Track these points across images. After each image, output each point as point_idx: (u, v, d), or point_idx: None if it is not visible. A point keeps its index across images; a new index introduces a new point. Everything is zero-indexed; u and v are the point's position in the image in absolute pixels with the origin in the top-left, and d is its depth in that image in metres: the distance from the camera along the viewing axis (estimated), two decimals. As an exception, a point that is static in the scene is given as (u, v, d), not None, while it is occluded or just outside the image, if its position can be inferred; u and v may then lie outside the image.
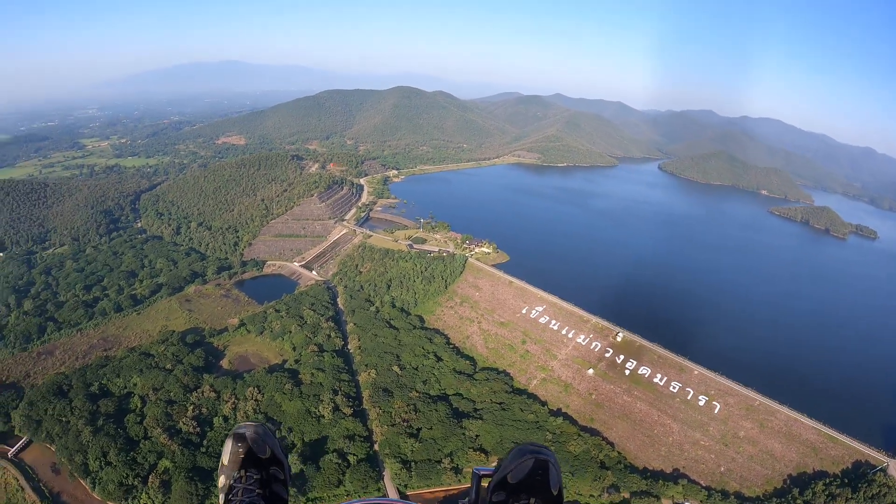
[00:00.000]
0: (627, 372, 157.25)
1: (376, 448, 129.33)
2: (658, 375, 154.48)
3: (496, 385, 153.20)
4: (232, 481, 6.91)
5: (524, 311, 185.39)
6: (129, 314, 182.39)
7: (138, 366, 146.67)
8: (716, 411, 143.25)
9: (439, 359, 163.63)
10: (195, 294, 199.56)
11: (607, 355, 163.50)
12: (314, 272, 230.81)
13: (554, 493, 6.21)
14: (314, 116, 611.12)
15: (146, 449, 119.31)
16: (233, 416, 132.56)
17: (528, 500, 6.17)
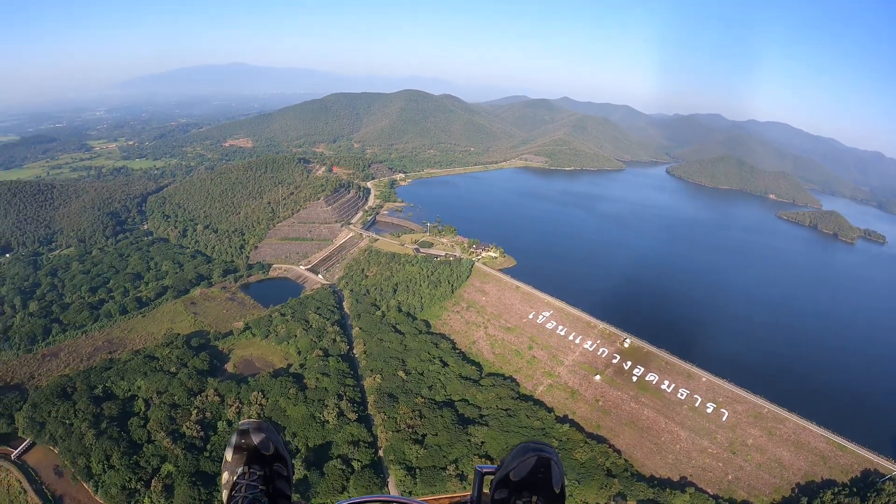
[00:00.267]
0: (635, 378, 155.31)
1: (381, 454, 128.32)
2: (666, 382, 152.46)
3: (502, 391, 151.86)
4: (236, 477, 6.86)
5: (531, 317, 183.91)
6: (135, 316, 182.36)
7: (143, 369, 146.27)
8: (724, 419, 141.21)
9: (445, 364, 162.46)
10: (200, 297, 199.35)
11: (614, 361, 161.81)
12: (320, 276, 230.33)
13: (556, 491, 6.22)
14: (321, 119, 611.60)
15: (149, 453, 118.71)
16: (236, 421, 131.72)
17: (531, 498, 6.15)
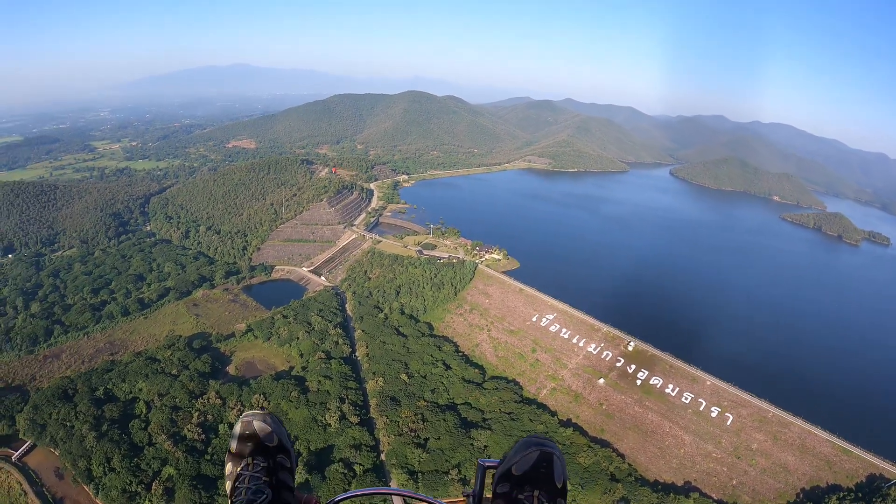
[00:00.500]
0: (639, 382, 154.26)
1: (383, 458, 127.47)
2: (670, 386, 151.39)
3: (505, 394, 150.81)
4: (239, 468, 6.73)
5: (534, 319, 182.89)
6: (137, 318, 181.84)
7: (144, 371, 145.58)
8: (728, 423, 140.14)
9: (448, 367, 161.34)
10: (203, 298, 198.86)
11: (618, 365, 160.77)
12: (323, 278, 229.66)
13: (558, 486, 6.13)
14: (325, 121, 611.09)
15: (150, 455, 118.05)
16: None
17: (532, 493, 6.06)
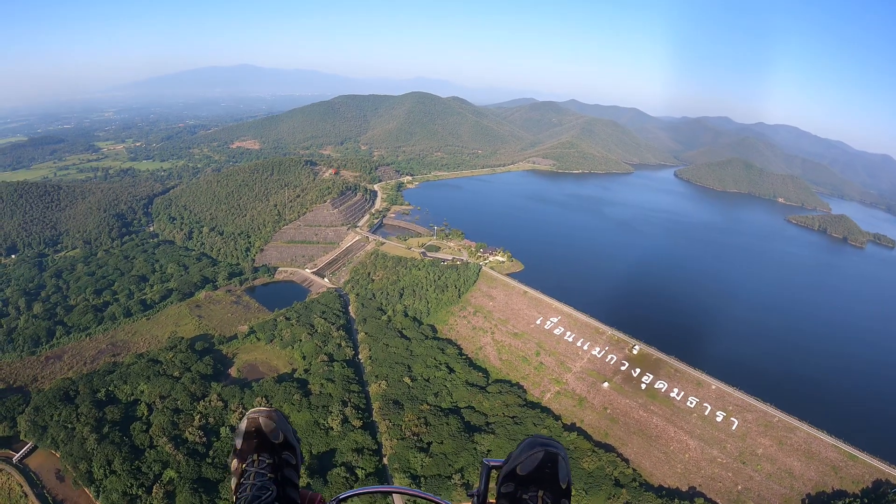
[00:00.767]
0: (643, 386, 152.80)
1: (385, 462, 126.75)
2: (675, 390, 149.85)
3: (509, 398, 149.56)
4: (245, 465, 6.75)
5: (538, 322, 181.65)
6: (139, 319, 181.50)
7: (146, 372, 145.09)
8: (733, 427, 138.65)
9: (451, 370, 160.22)
10: (205, 300, 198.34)
11: (623, 368, 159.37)
12: (326, 279, 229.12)
13: (563, 487, 6.10)
14: (329, 122, 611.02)
15: (151, 458, 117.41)
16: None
17: (537, 493, 6.03)
